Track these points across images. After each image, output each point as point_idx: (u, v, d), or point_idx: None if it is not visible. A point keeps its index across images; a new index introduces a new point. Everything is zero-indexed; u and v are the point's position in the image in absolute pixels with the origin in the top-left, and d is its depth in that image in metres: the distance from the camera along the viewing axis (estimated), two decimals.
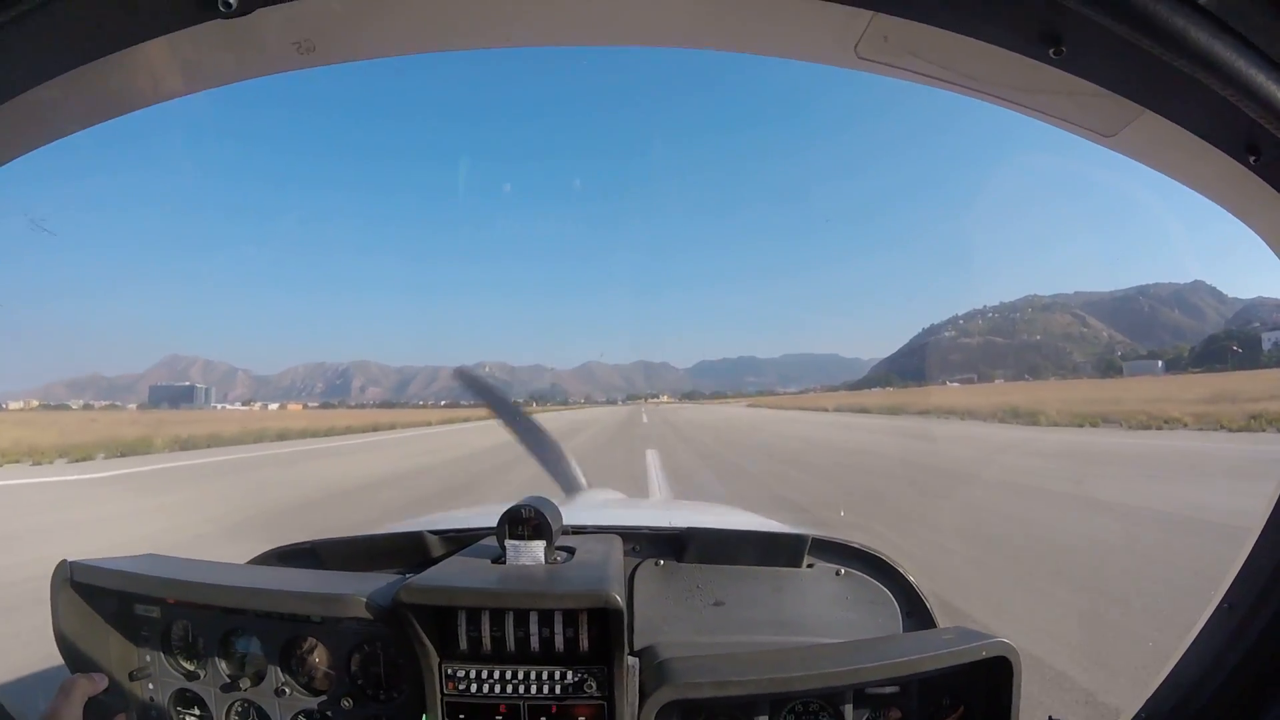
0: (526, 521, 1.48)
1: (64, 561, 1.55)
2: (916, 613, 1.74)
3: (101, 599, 1.59)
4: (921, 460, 18.94)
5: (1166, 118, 0.98)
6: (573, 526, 1.72)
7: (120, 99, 1.11)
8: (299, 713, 1.56)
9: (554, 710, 1.35)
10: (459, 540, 1.79)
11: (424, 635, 1.35)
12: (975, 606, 5.61)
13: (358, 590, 1.44)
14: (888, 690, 1.47)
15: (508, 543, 1.48)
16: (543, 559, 1.47)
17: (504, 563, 1.48)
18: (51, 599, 1.53)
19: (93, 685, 1.37)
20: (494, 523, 1.61)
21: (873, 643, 1.61)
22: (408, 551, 1.81)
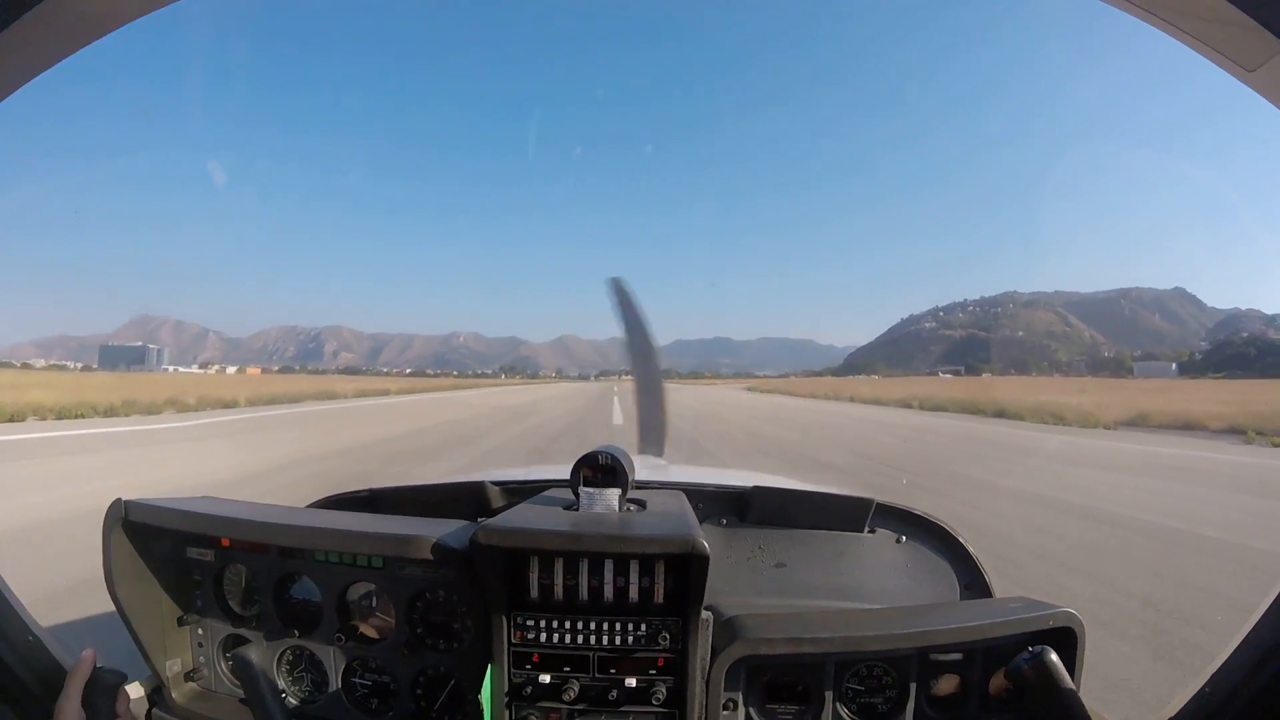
0: (602, 468, 1.43)
1: (118, 500, 1.50)
2: (975, 585, 1.73)
3: (154, 541, 1.56)
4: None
5: None
6: (637, 482, 1.61)
7: (96, 22, 1.09)
8: (353, 660, 1.52)
9: (624, 662, 1.30)
10: (520, 492, 1.76)
11: (495, 581, 1.30)
12: None
13: (425, 533, 1.39)
14: (951, 657, 1.43)
15: (582, 489, 1.43)
16: (616, 507, 1.42)
17: (577, 510, 1.43)
18: (103, 539, 1.49)
19: (84, 669, 1.31)
20: (552, 476, 1.72)
21: (939, 608, 1.63)
22: (467, 502, 1.79)
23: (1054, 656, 1.27)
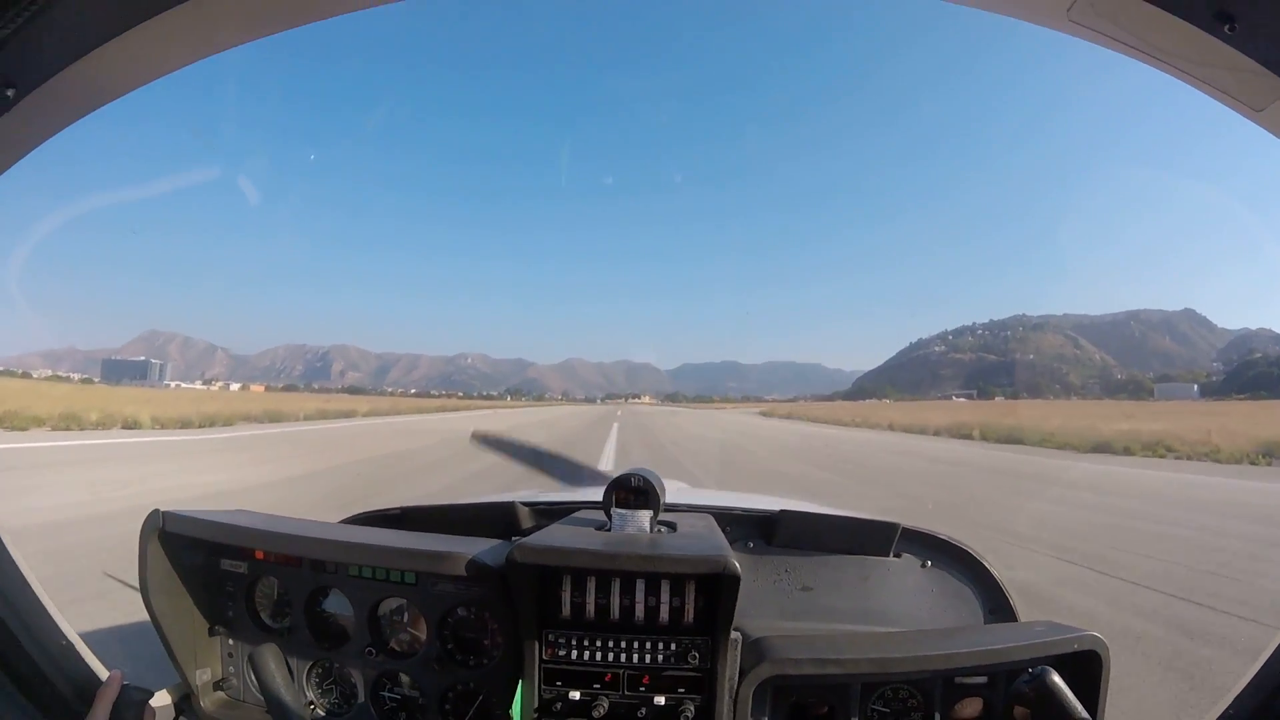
0: (634, 490, 1.46)
1: (156, 511, 1.54)
2: (1000, 609, 1.73)
3: (189, 552, 1.60)
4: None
5: None
6: (666, 505, 1.62)
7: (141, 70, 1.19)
8: (382, 675, 1.55)
9: (653, 681, 1.33)
10: (550, 513, 1.78)
11: (529, 598, 1.33)
12: None
13: (460, 550, 1.42)
14: (976, 680, 1.44)
15: (614, 511, 1.46)
16: (648, 528, 1.45)
17: (609, 530, 1.46)
18: (140, 549, 1.53)
19: (112, 690, 1.37)
20: (583, 499, 1.80)
21: (965, 631, 1.66)
22: (497, 521, 1.81)
23: (1056, 678, 1.25)
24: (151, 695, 1.46)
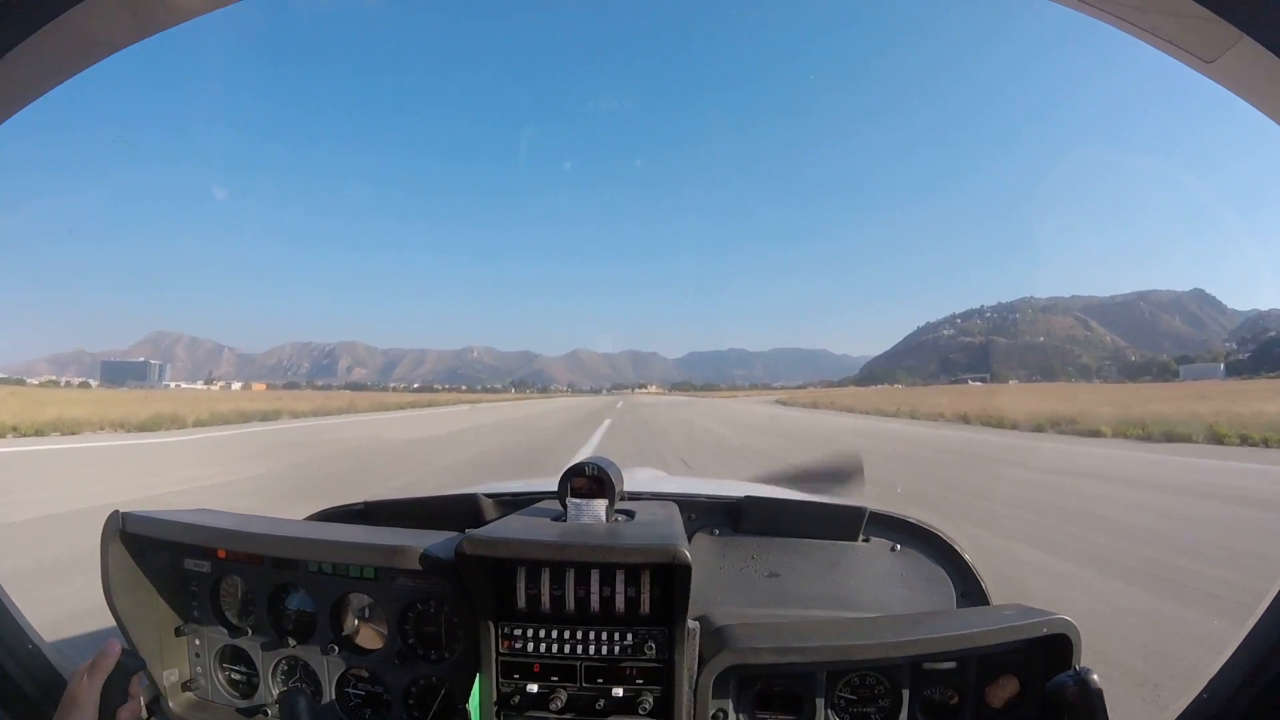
0: (589, 479, 1.45)
1: (116, 512, 1.53)
2: (972, 593, 1.70)
3: (152, 552, 1.59)
4: None
5: (1265, 46, 0.97)
6: (629, 493, 1.64)
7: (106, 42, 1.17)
8: (347, 671, 1.55)
9: (611, 672, 1.33)
10: (513, 504, 1.78)
11: (483, 591, 1.33)
12: None
13: (414, 543, 1.42)
14: (945, 666, 1.43)
15: (569, 500, 1.45)
16: (604, 518, 1.44)
17: (565, 520, 1.46)
18: (101, 551, 1.52)
19: (108, 660, 1.32)
20: (545, 489, 1.75)
21: (932, 616, 1.61)
22: (461, 514, 1.80)
23: (1096, 677, 1.23)
24: (144, 664, 1.45)
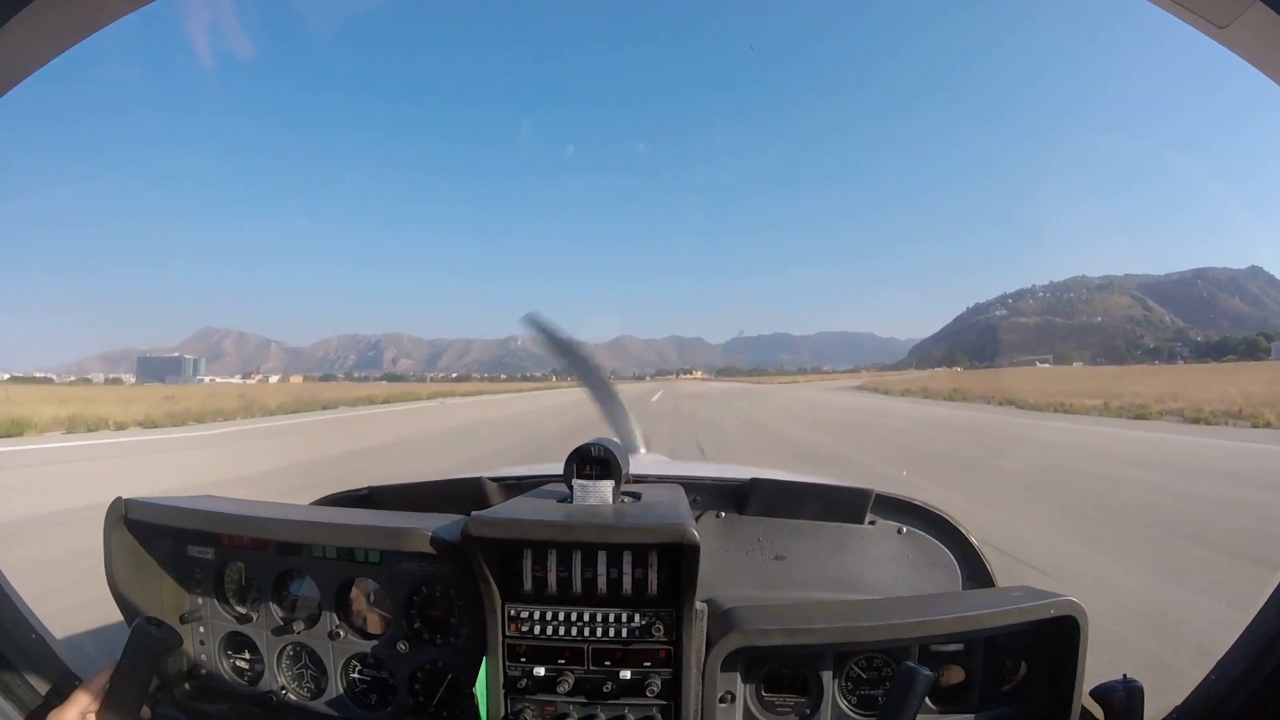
0: (595, 460, 1.44)
1: (118, 499, 1.53)
2: (977, 575, 1.71)
3: (155, 539, 1.60)
4: None
5: (1276, 11, 0.93)
6: (634, 476, 1.64)
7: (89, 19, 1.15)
8: (352, 657, 1.54)
9: (619, 654, 1.31)
10: (518, 488, 1.76)
11: (489, 573, 1.31)
12: None
13: (421, 526, 1.42)
14: (953, 648, 1.44)
15: (575, 482, 1.43)
16: (610, 499, 1.42)
17: (571, 502, 1.44)
18: (104, 538, 1.52)
19: (89, 699, 1.29)
20: (550, 472, 1.75)
21: (940, 597, 1.62)
22: (466, 498, 1.79)
23: (1141, 686, 1.27)
24: (180, 640, 1.46)
